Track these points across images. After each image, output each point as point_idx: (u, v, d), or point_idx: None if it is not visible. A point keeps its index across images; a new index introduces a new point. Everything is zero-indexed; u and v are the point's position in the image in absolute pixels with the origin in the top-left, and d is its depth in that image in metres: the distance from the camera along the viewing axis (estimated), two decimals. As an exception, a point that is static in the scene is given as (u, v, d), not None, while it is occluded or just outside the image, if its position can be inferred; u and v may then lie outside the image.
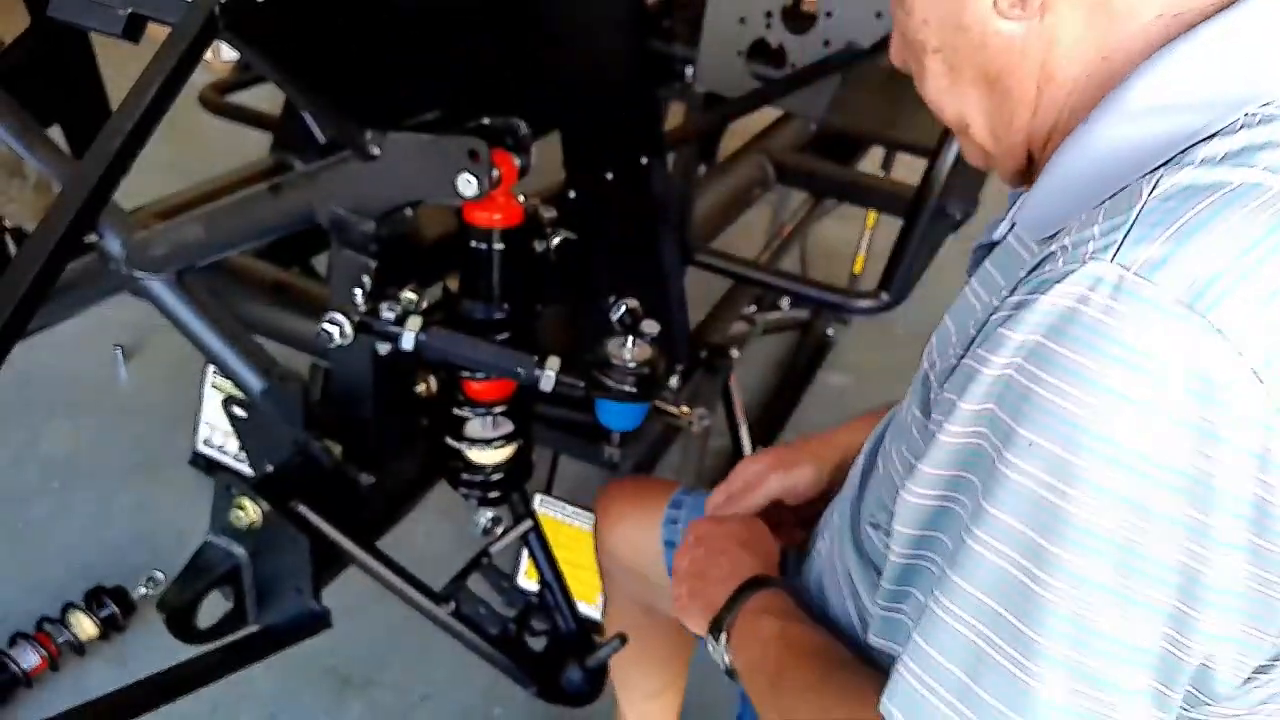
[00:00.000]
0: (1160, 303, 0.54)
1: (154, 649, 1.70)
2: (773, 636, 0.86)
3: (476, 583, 1.14)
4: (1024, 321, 0.59)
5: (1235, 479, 0.55)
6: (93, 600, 1.72)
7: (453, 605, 1.10)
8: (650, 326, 0.99)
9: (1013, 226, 0.73)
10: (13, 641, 1.64)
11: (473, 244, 0.98)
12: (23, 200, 1.13)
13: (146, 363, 2.41)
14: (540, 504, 1.75)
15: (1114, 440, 0.55)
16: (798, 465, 1.08)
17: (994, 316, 0.63)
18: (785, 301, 2.56)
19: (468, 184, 0.90)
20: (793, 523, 1.09)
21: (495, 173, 0.91)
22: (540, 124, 1.03)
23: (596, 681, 1.13)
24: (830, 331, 2.79)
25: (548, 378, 0.97)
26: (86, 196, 0.91)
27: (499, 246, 0.98)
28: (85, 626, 1.69)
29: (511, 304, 1.02)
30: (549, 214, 1.05)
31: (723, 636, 0.89)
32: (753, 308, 2.36)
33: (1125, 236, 0.57)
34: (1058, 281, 0.58)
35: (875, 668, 0.78)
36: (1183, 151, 0.60)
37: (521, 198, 1.00)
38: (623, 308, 0.99)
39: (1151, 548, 0.56)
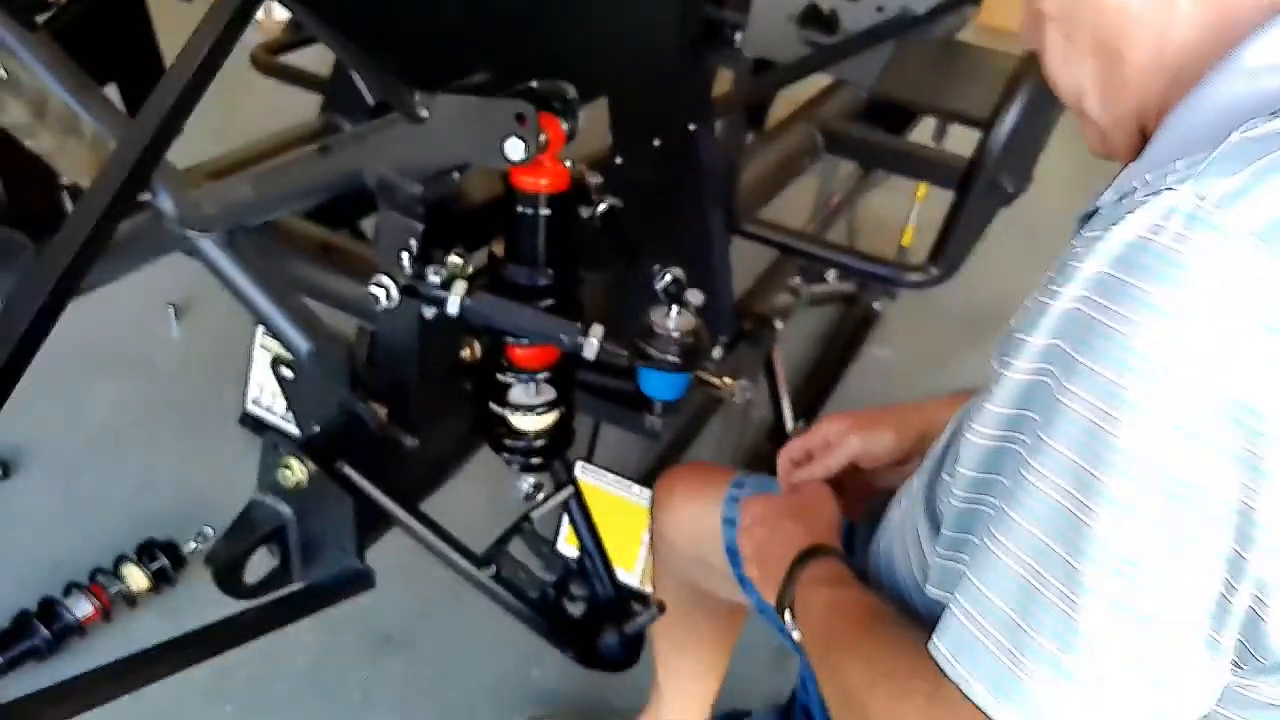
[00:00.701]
0: (1232, 231, 0.54)
1: (203, 602, 1.72)
2: (824, 604, 0.86)
3: (517, 548, 1.15)
4: (1096, 252, 0.58)
5: None
6: (144, 553, 1.76)
7: (493, 569, 1.11)
8: (695, 296, 0.98)
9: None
10: (67, 591, 1.69)
11: (518, 209, 0.98)
12: (78, 157, 1.15)
13: (198, 321, 2.45)
14: (581, 471, 1.76)
15: (1168, 366, 0.54)
16: (879, 429, 1.06)
17: (1068, 257, 0.63)
18: (831, 274, 2.53)
19: (515, 148, 0.89)
20: (860, 493, 1.08)
21: (542, 137, 0.91)
22: (588, 89, 1.02)
23: (634, 648, 1.14)
24: (876, 305, 2.75)
25: (591, 345, 0.96)
26: (140, 154, 0.93)
27: (545, 212, 0.98)
28: (137, 578, 1.73)
29: (556, 270, 1.01)
30: (595, 180, 1.04)
31: (788, 614, 0.89)
32: (798, 279, 2.34)
33: (1204, 169, 0.56)
34: (1131, 212, 0.57)
35: (926, 623, 0.78)
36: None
37: (568, 163, 0.99)
38: (668, 276, 0.98)
39: (1202, 480, 0.55)
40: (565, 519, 1.70)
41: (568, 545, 1.67)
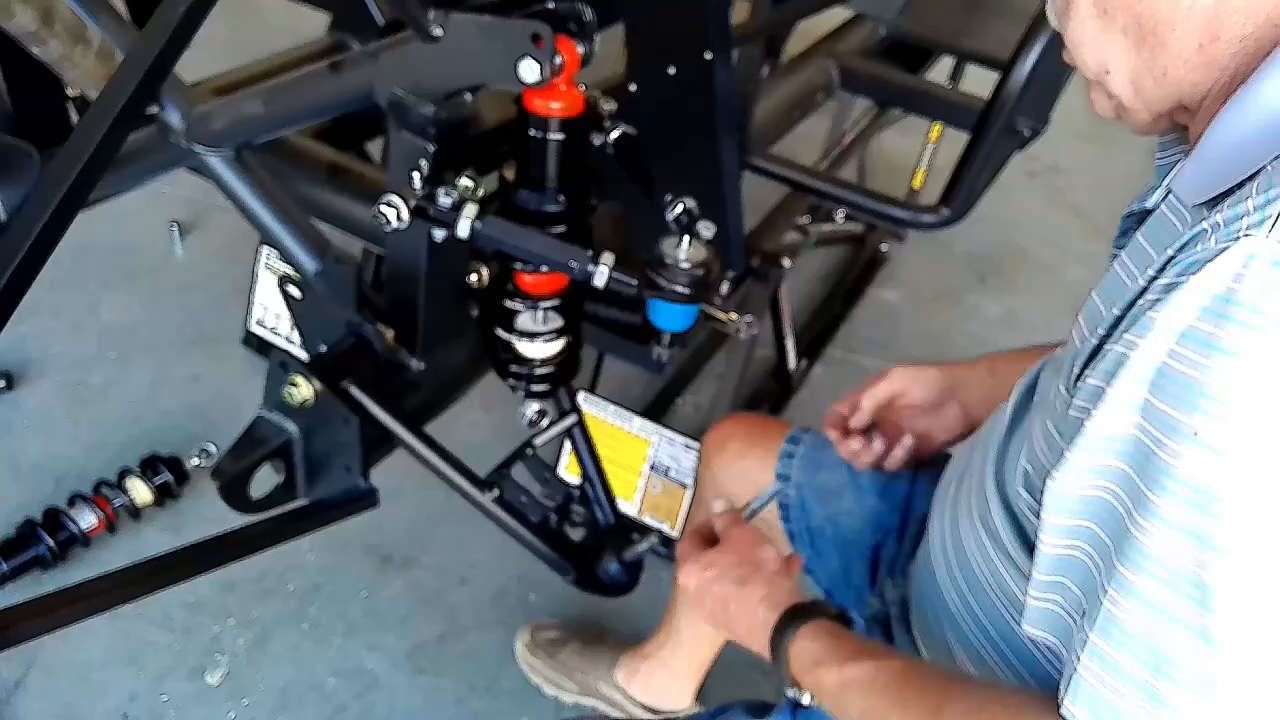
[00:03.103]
0: None
1: (206, 518, 1.76)
2: (848, 686, 0.79)
3: (519, 473, 1.16)
4: (1177, 304, 0.57)
5: None
6: (148, 467, 1.78)
7: (496, 492, 1.12)
8: (706, 228, 0.97)
9: (1168, 194, 0.69)
10: (71, 502, 1.71)
11: (531, 132, 0.97)
12: (86, 67, 1.13)
13: (201, 240, 2.44)
14: (584, 402, 1.77)
15: (1265, 415, 0.54)
16: (926, 371, 1.10)
17: (1141, 300, 0.61)
18: (840, 214, 2.51)
19: (530, 69, 0.88)
20: (894, 437, 1.11)
21: (558, 59, 0.89)
22: (604, 13, 1.00)
23: (633, 574, 1.16)
24: (884, 247, 2.74)
25: (601, 273, 0.96)
26: (149, 66, 0.91)
27: (557, 136, 0.97)
28: (141, 492, 1.75)
29: (568, 197, 1.01)
30: (609, 106, 1.03)
31: (793, 690, 0.84)
32: (807, 218, 2.32)
33: None
34: (1209, 261, 0.55)
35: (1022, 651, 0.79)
36: None
37: (582, 88, 0.98)
38: (679, 207, 0.98)
39: None
40: (566, 448, 1.72)
41: (568, 473, 1.69)
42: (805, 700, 0.83)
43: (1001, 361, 1.10)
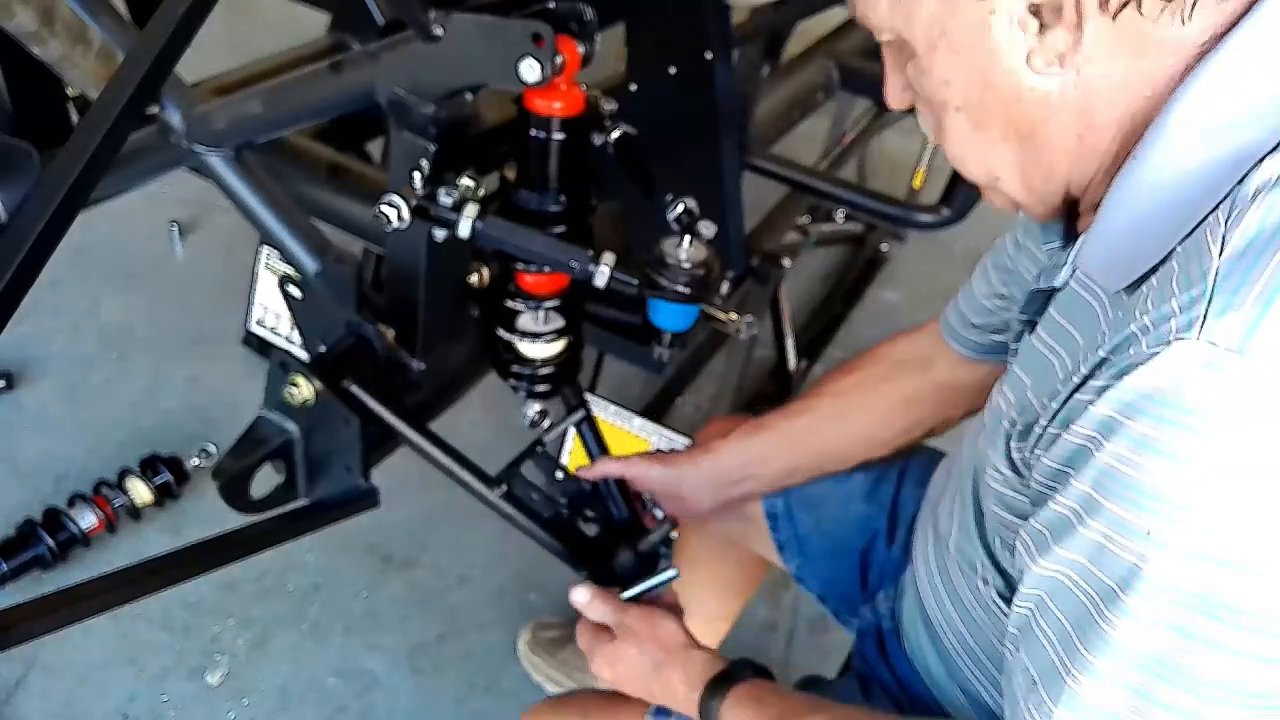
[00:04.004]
0: (1257, 377, 0.53)
1: (206, 519, 1.76)
2: None
3: (529, 471, 1.16)
4: (1117, 404, 0.57)
5: None
6: (148, 467, 1.78)
7: (504, 488, 1.11)
8: (707, 228, 0.97)
9: (1074, 271, 0.69)
10: (71, 502, 1.71)
11: (532, 132, 0.97)
12: (86, 68, 1.13)
13: (201, 240, 2.45)
14: (584, 401, 1.76)
15: (1222, 509, 0.54)
16: (651, 469, 1.13)
17: (1077, 396, 0.62)
18: (840, 214, 2.52)
19: (531, 69, 0.88)
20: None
21: (559, 59, 0.89)
22: (605, 13, 1.00)
23: (648, 566, 1.15)
24: (885, 247, 2.74)
25: (602, 273, 0.96)
26: (149, 66, 0.91)
27: (558, 136, 0.97)
28: (141, 492, 1.75)
29: (568, 196, 1.00)
30: (609, 106, 1.03)
31: None
32: (807, 218, 2.32)
33: (1207, 310, 0.54)
34: (1143, 364, 0.56)
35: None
36: (1240, 181, 0.56)
37: (583, 87, 0.98)
38: (680, 207, 0.98)
39: None
40: (567, 445, 1.72)
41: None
42: None
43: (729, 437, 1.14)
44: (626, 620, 0.95)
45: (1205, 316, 0.54)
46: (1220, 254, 0.55)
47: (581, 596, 0.98)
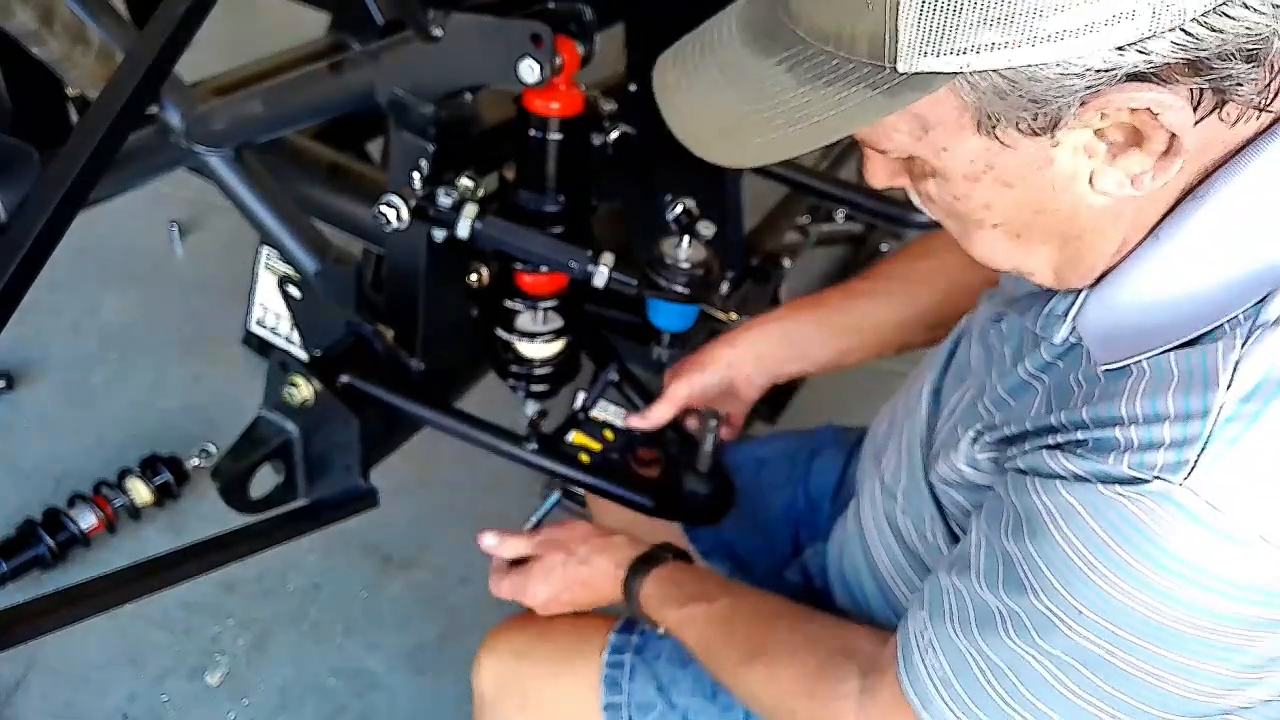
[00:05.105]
0: (1235, 535, 0.53)
1: (206, 518, 1.76)
2: (684, 624, 0.89)
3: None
4: (1088, 505, 0.58)
5: None
6: (148, 467, 1.78)
7: (535, 444, 1.07)
8: (706, 228, 0.97)
9: (1073, 330, 0.66)
10: (71, 502, 1.71)
11: (531, 133, 0.97)
12: (86, 67, 1.13)
13: (201, 240, 2.44)
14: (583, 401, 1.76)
15: (1184, 640, 0.57)
16: (694, 378, 1.07)
17: (1046, 451, 0.62)
18: (840, 214, 2.51)
19: (530, 69, 0.88)
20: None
21: (558, 59, 0.89)
22: (605, 13, 1.00)
23: (723, 482, 1.07)
24: (885, 247, 2.74)
25: (601, 273, 0.96)
26: (149, 66, 0.91)
27: (557, 136, 0.97)
28: (141, 492, 1.75)
29: (568, 197, 1.01)
30: (609, 107, 1.03)
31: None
32: (807, 218, 2.32)
33: (1199, 457, 0.53)
34: (1122, 483, 0.56)
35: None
36: (1261, 301, 0.54)
37: (582, 88, 0.98)
38: (679, 207, 0.98)
39: None
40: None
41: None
42: (660, 632, 0.92)
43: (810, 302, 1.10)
44: (541, 538, 1.00)
45: (1195, 464, 0.54)
46: (1229, 387, 0.53)
47: (491, 539, 1.01)
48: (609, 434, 1.12)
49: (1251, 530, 0.53)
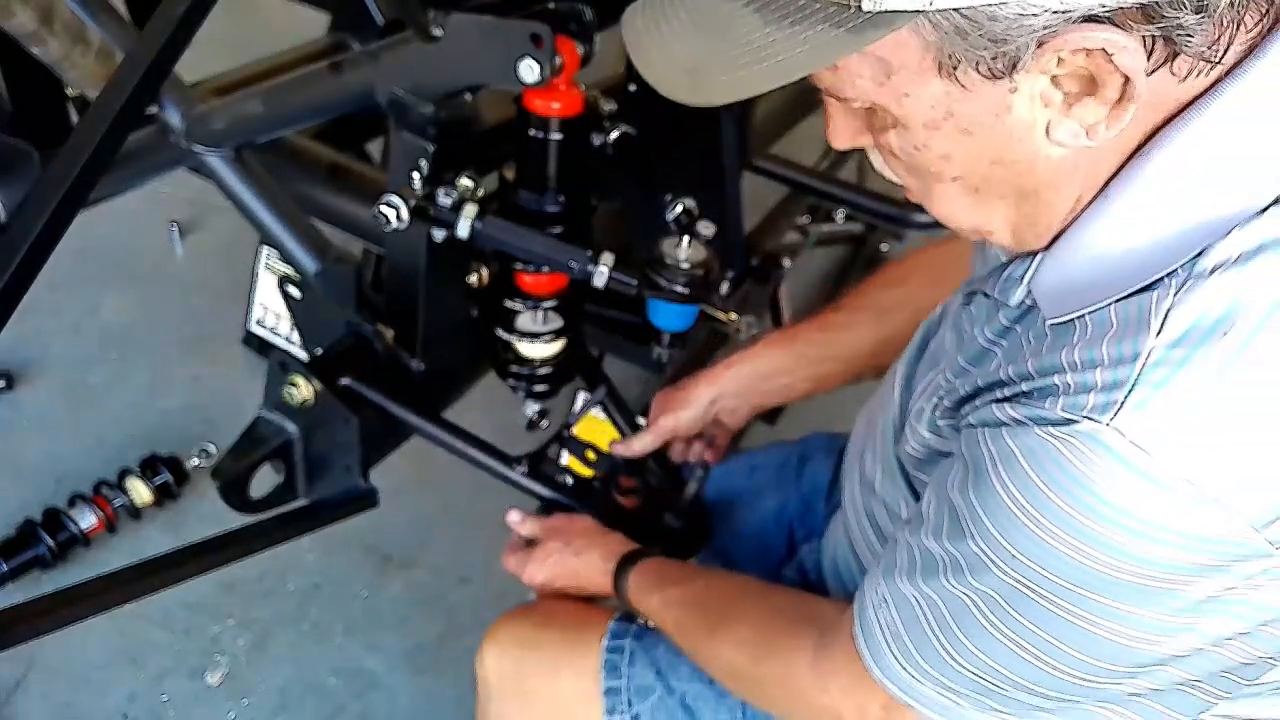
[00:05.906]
0: (1160, 478, 0.54)
1: (206, 518, 1.76)
2: (663, 607, 0.93)
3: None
4: (1022, 447, 0.59)
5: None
6: (148, 467, 1.78)
7: (525, 466, 1.10)
8: (706, 228, 0.97)
9: (1029, 293, 0.67)
10: (71, 502, 1.71)
11: (531, 132, 0.97)
12: (85, 67, 1.13)
13: (202, 240, 2.44)
14: (583, 403, 1.76)
15: (1109, 588, 0.58)
16: (681, 413, 1.12)
17: (995, 405, 0.63)
18: (840, 214, 2.51)
19: (530, 69, 0.88)
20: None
21: (558, 60, 0.89)
22: (605, 13, 1.00)
23: (699, 521, 1.12)
24: (885, 247, 2.74)
25: (601, 273, 0.96)
26: (148, 66, 0.91)
27: (557, 136, 0.97)
28: (141, 492, 1.74)
29: (568, 197, 1.01)
30: (609, 106, 1.03)
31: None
32: (807, 218, 2.32)
33: (1126, 398, 0.54)
34: (1055, 424, 0.57)
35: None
36: (1199, 254, 0.55)
37: (582, 88, 0.98)
38: (679, 207, 0.98)
39: None
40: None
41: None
42: (648, 623, 0.97)
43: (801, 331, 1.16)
44: (548, 524, 1.07)
45: (1122, 405, 0.54)
46: (1158, 333, 0.55)
47: (515, 515, 1.10)
48: (591, 454, 1.15)
49: (1177, 473, 0.54)
